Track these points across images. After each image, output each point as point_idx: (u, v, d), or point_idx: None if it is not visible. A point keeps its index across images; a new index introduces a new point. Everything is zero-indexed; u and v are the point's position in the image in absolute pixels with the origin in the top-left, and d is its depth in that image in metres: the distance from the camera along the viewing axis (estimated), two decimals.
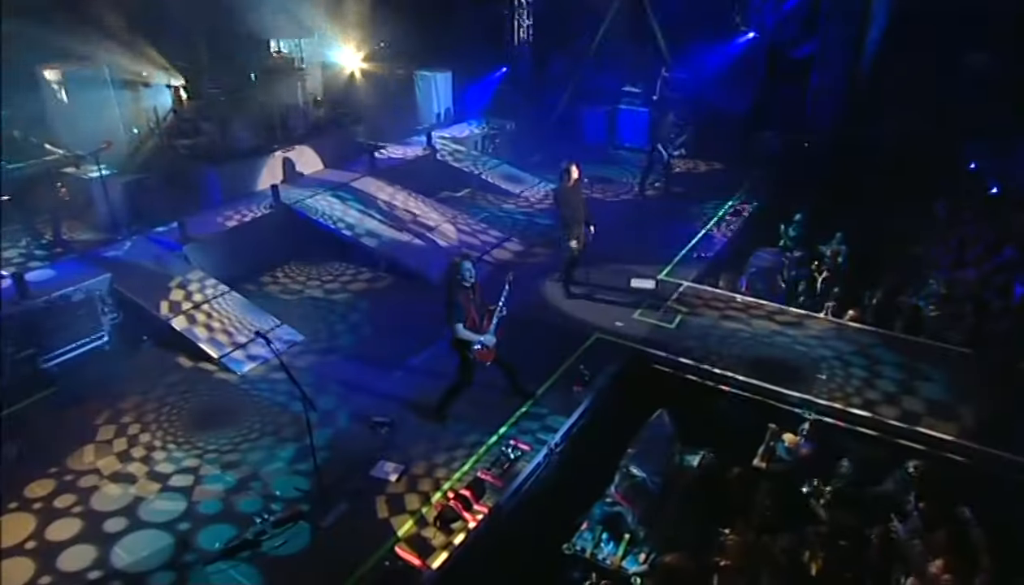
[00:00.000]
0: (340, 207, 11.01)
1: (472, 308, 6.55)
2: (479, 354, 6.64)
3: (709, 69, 14.50)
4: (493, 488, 6.13)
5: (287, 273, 10.20)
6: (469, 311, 6.52)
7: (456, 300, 6.44)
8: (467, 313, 6.52)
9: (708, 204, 12.53)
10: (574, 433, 7.06)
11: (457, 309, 6.45)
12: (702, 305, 9.15)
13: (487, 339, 6.63)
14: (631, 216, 12.18)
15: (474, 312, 6.57)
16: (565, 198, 9.04)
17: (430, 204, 11.77)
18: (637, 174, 13.78)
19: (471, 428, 6.88)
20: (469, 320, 6.54)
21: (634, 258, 10.34)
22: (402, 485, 6.18)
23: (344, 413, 7.14)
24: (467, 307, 6.50)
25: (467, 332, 6.52)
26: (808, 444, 6.76)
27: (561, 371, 7.75)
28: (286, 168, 11.80)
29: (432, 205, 11.75)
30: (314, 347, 8.31)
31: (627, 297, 9.31)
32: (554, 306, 9.24)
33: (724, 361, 7.87)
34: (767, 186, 12.93)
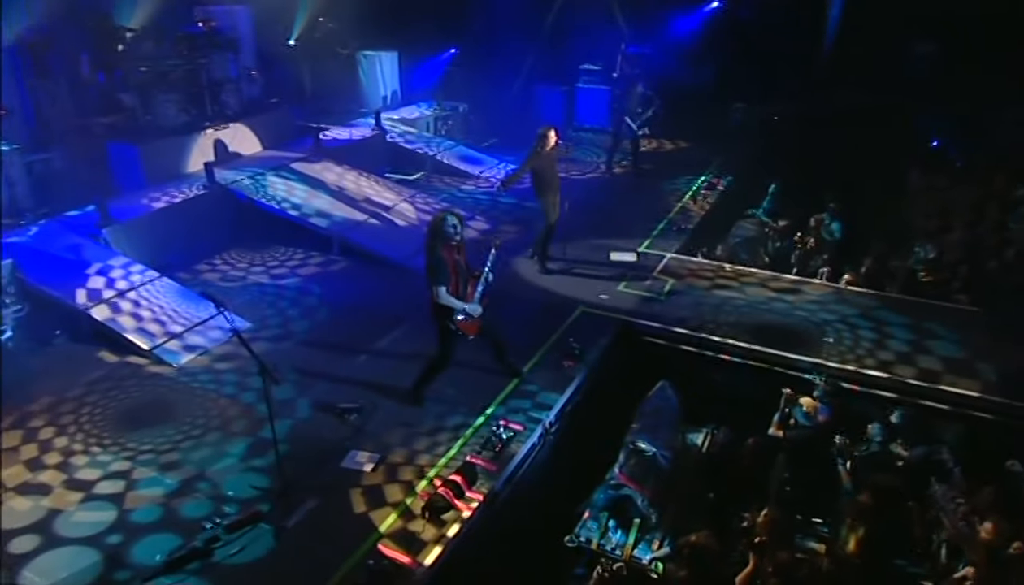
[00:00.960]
0: (284, 187, 10.21)
1: (456, 272, 5.89)
2: (462, 325, 5.98)
3: (671, 42, 14.28)
4: (486, 473, 5.48)
5: (226, 260, 9.32)
6: (453, 275, 5.86)
7: (440, 258, 5.76)
8: (455, 279, 5.86)
9: (680, 179, 12.26)
10: (569, 411, 6.49)
11: (441, 268, 5.77)
12: (690, 275, 8.77)
13: (472, 308, 5.99)
14: (601, 193, 11.83)
15: (458, 277, 5.92)
16: (540, 165, 8.52)
17: (384, 184, 11.08)
18: (602, 154, 13.45)
19: (453, 410, 6.23)
20: (452, 285, 5.88)
21: (610, 233, 9.92)
22: (379, 475, 5.48)
23: (304, 402, 6.38)
24: (451, 270, 5.84)
25: (451, 297, 5.86)
26: (826, 410, 6.36)
27: (548, 346, 7.20)
28: (219, 148, 10.92)
29: (387, 185, 11.07)
30: (263, 334, 7.51)
31: (608, 270, 8.86)
32: (531, 282, 8.69)
33: (722, 329, 7.47)
34: (739, 159, 12.73)
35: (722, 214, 10.94)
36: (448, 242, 5.81)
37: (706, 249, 9.46)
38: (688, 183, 12.04)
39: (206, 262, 9.19)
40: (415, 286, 6.84)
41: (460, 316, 5.94)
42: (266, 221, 9.72)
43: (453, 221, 5.80)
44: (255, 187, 9.96)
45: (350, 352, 7.16)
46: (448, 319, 5.94)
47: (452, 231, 5.80)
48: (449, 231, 5.79)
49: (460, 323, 5.97)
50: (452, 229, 5.80)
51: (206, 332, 7.45)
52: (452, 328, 5.97)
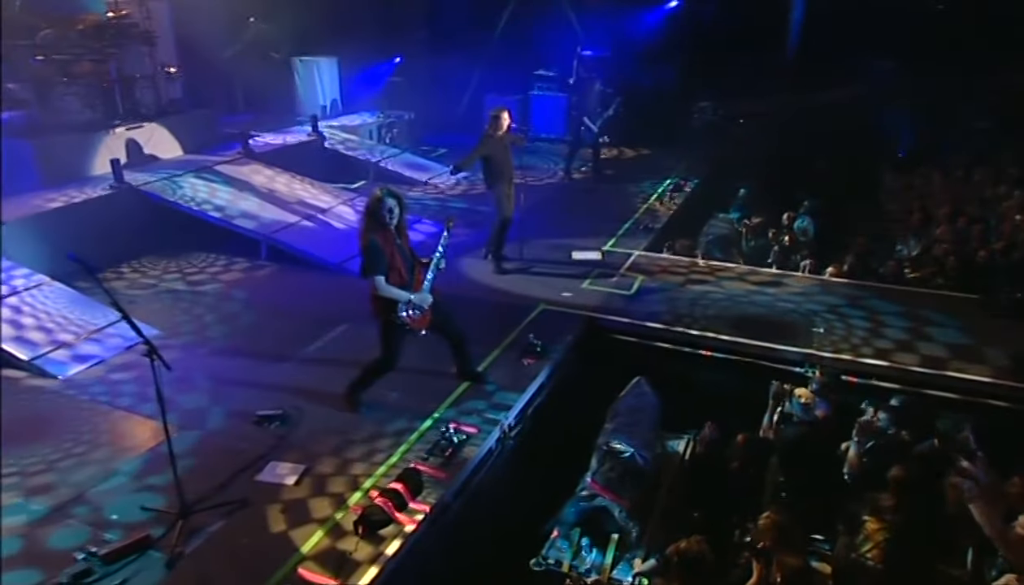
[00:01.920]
0: (206, 189, 9.46)
1: (398, 258, 5.21)
2: (410, 320, 5.30)
3: (630, 45, 14.10)
4: (433, 482, 4.75)
5: (136, 268, 8.48)
6: (394, 262, 5.19)
7: (375, 244, 5.10)
8: (391, 264, 5.20)
9: (644, 183, 11.92)
10: (531, 412, 5.83)
11: (377, 256, 5.11)
12: (661, 271, 8.29)
13: (420, 298, 5.31)
14: (561, 197, 11.44)
15: (400, 264, 5.24)
16: (491, 150, 8.00)
17: (321, 187, 10.42)
18: (560, 162, 13.07)
19: (395, 414, 5.50)
20: (394, 274, 5.20)
21: (571, 233, 9.46)
22: (304, 489, 4.70)
23: (218, 411, 5.59)
24: (391, 257, 5.17)
25: (391, 287, 5.18)
26: (824, 404, 5.82)
27: (505, 344, 6.56)
28: (132, 149, 10.12)
29: (323, 187, 10.41)
30: (174, 341, 6.70)
31: (570, 269, 8.35)
32: (484, 283, 8.10)
33: (700, 323, 6.95)
34: (707, 161, 12.48)
35: (691, 214, 10.59)
36: (385, 226, 5.15)
37: (677, 245, 8.98)
38: (653, 186, 11.69)
39: (112, 269, 8.35)
40: (353, 290, 6.12)
41: (405, 309, 5.25)
42: (184, 225, 8.95)
43: (390, 203, 5.14)
44: (171, 188, 9.18)
45: (275, 359, 6.41)
46: (391, 313, 5.25)
47: (388, 214, 5.14)
48: (385, 214, 5.13)
49: (406, 317, 5.28)
50: (388, 213, 5.14)
51: (104, 340, 6.60)
52: (397, 322, 5.27)
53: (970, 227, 9.32)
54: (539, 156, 13.84)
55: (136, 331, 4.22)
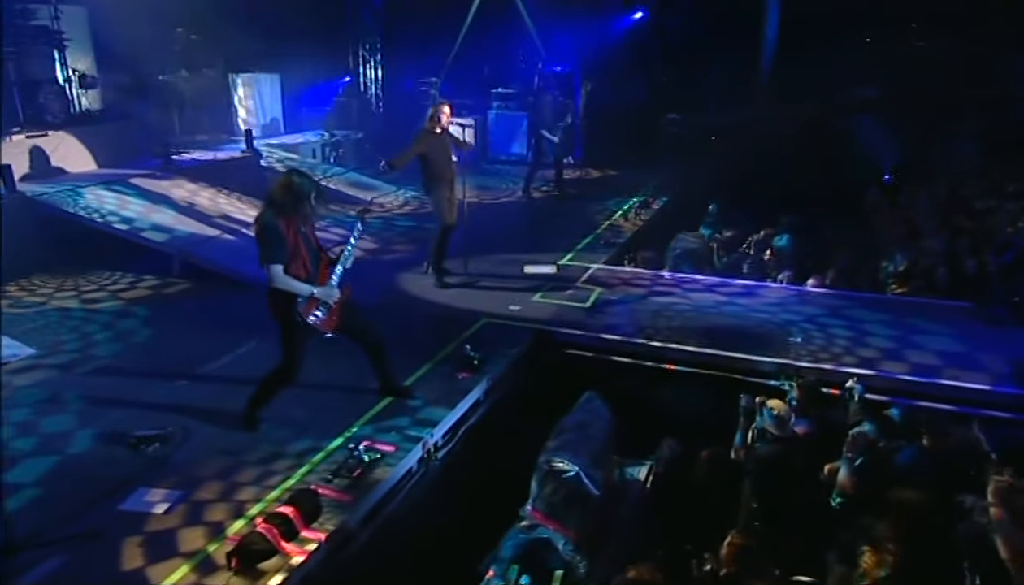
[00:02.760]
0: (115, 201, 8.94)
1: (302, 247, 4.73)
2: (314, 319, 4.79)
3: (594, 59, 13.98)
4: (336, 506, 4.17)
5: (23, 286, 7.87)
6: (298, 252, 4.73)
7: (274, 227, 4.63)
8: (293, 253, 4.72)
9: (609, 202, 11.60)
10: (464, 432, 5.30)
11: (275, 240, 4.63)
12: (621, 284, 7.88)
13: (324, 292, 4.82)
14: (516, 214, 11.18)
15: (304, 253, 4.76)
16: (429, 148, 7.61)
17: (249, 201, 9.94)
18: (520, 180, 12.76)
19: (300, 433, 4.94)
20: (296, 264, 4.72)
21: (524, 248, 9.08)
22: (175, 518, 4.10)
23: (86, 434, 4.99)
24: (294, 245, 4.70)
25: (290, 279, 4.70)
26: (803, 422, 5.35)
27: (438, 358, 6.05)
28: (36, 159, 9.60)
29: (252, 202, 9.92)
30: (50, 361, 6.10)
31: (521, 283, 7.92)
32: (422, 297, 7.64)
33: (662, 335, 6.51)
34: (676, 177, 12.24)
35: (658, 229, 10.25)
36: (289, 211, 4.68)
37: (639, 257, 8.61)
38: (618, 204, 11.37)
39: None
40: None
41: (312, 317, 4.77)
42: (86, 241, 8.41)
43: (298, 181, 4.69)
44: (71, 199, 8.64)
45: (168, 377, 5.83)
46: (291, 310, 4.74)
47: (297, 200, 4.66)
48: (296, 198, 4.66)
49: (306, 311, 4.77)
50: (297, 197, 4.67)
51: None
52: (299, 321, 4.76)
53: (959, 237, 9.08)
54: (499, 178, 13.54)
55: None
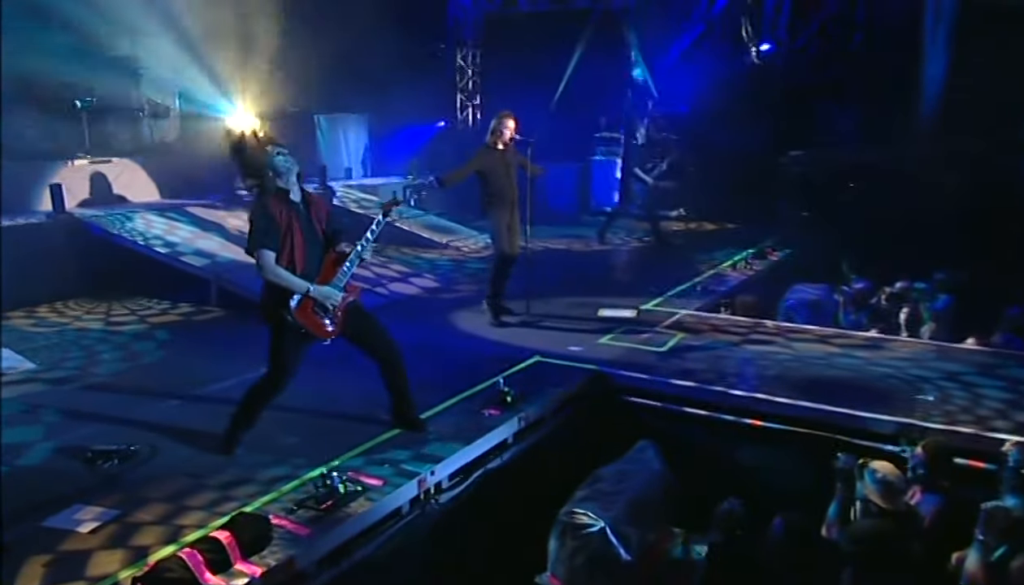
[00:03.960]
0: (163, 225, 9.16)
1: (297, 234, 4.43)
2: (304, 319, 4.45)
3: (710, 98, 13.49)
4: (291, 539, 3.69)
5: (56, 308, 8.06)
6: (290, 237, 4.41)
7: (265, 210, 4.37)
8: (289, 244, 4.42)
9: (718, 252, 10.86)
10: (478, 478, 4.71)
11: (268, 225, 4.35)
12: (711, 330, 7.16)
13: (321, 292, 4.47)
14: (602, 261, 10.87)
15: (299, 241, 4.44)
16: (488, 165, 7.29)
17: None
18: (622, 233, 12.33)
19: (279, 460, 4.53)
20: (287, 253, 4.41)
21: (603, 293, 8.54)
22: (99, 538, 3.75)
23: (45, 447, 4.82)
24: (287, 229, 4.40)
25: (280, 270, 4.38)
26: (933, 498, 4.44)
27: (469, 394, 5.54)
28: (96, 186, 10.04)
29: None
30: (45, 376, 6.08)
31: (592, 325, 7.34)
32: (470, 333, 7.25)
33: (749, 385, 5.75)
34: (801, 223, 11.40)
35: (771, 279, 9.46)
36: (277, 187, 4.43)
37: (737, 302, 7.89)
38: (728, 255, 10.62)
39: (25, 310, 7.93)
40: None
41: (309, 326, 4.47)
42: (129, 266, 8.62)
43: (283, 160, 4.43)
44: (118, 222, 8.89)
45: (159, 396, 5.65)
46: (281, 308, 4.42)
47: (282, 169, 4.42)
48: (279, 170, 4.42)
49: (300, 313, 4.43)
50: (283, 168, 4.43)
51: None
52: (289, 321, 4.42)
53: None
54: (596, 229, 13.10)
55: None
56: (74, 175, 9.83)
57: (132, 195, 10.45)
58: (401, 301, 8.34)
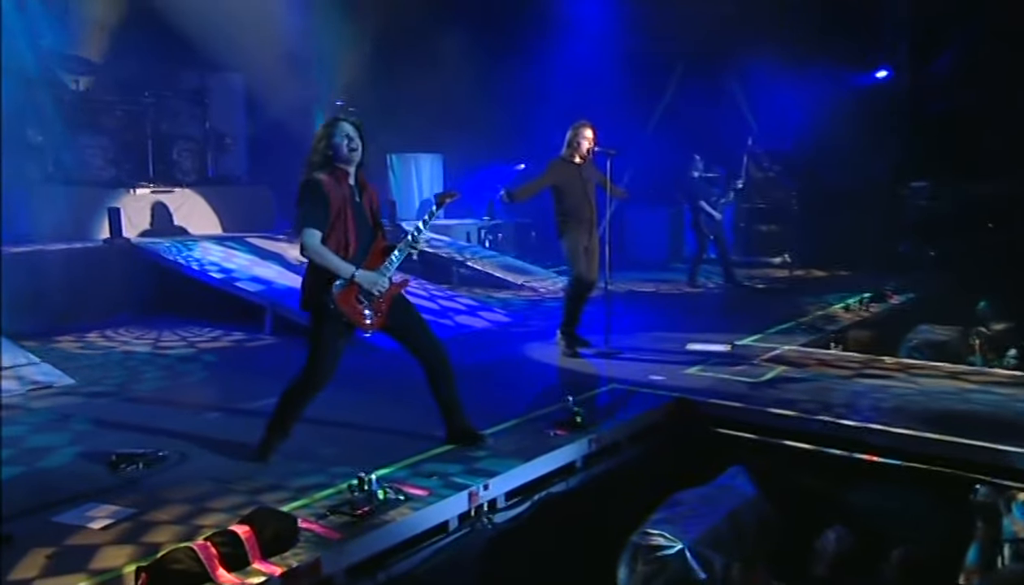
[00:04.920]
0: (220, 253, 9.34)
1: (350, 218, 4.39)
2: (345, 306, 4.34)
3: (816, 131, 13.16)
4: (318, 542, 3.50)
5: (107, 335, 8.21)
6: (341, 221, 4.37)
7: (317, 187, 4.32)
8: (341, 227, 4.38)
9: (829, 296, 10.37)
10: (540, 500, 4.44)
11: (316, 200, 4.30)
12: (818, 365, 6.75)
13: (367, 278, 4.37)
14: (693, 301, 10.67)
15: (351, 226, 4.39)
16: (563, 179, 7.16)
17: None
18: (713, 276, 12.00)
19: (316, 469, 4.38)
20: (336, 236, 4.36)
21: (691, 328, 8.26)
22: (109, 534, 3.63)
23: (68, 451, 4.81)
24: (340, 211, 4.36)
25: (327, 252, 4.32)
26: None
27: (535, 416, 5.31)
28: (158, 215, 10.36)
29: None
30: (83, 390, 6.14)
31: (676, 358, 7.06)
32: (540, 360, 7.09)
33: (862, 416, 5.34)
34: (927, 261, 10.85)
35: (891, 320, 8.97)
36: (335, 163, 4.39)
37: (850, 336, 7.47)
38: (840, 299, 10.11)
39: (75, 335, 8.10)
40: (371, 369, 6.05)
41: (356, 310, 4.38)
42: (185, 293, 8.85)
43: (348, 129, 4.41)
44: (176, 249, 9.11)
45: (198, 409, 5.65)
46: (323, 293, 4.34)
47: (345, 149, 4.39)
48: (340, 148, 4.39)
49: (342, 299, 4.33)
50: (345, 146, 4.39)
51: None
52: (331, 309, 4.34)
53: None
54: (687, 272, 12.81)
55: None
56: (135, 204, 10.17)
57: (193, 227, 10.73)
58: (468, 334, 8.20)
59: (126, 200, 10.07)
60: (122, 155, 10.39)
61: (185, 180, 10.98)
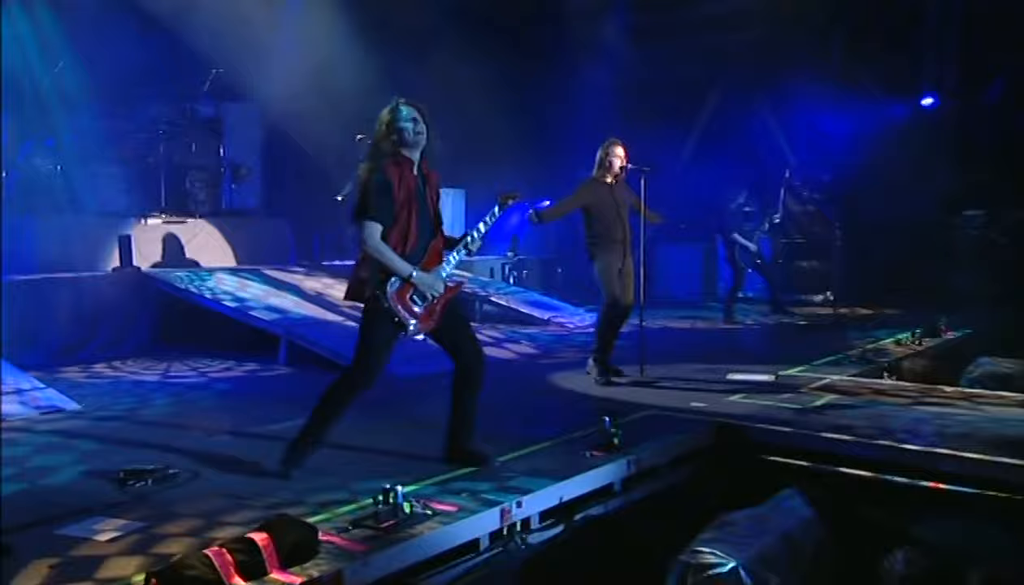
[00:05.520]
0: (234, 283, 9.34)
1: (414, 213, 4.41)
2: (404, 308, 4.37)
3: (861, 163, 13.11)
4: (339, 554, 3.39)
5: (115, 366, 8.19)
6: (405, 215, 4.38)
7: (384, 176, 4.31)
8: (404, 221, 4.38)
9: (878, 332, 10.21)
10: (579, 522, 4.32)
11: (382, 194, 4.30)
12: (871, 393, 6.61)
13: (424, 279, 4.40)
14: (731, 335, 10.64)
15: (414, 221, 4.41)
16: (594, 198, 7.15)
17: None
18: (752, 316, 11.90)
19: (340, 484, 4.30)
20: (397, 232, 4.38)
21: (731, 360, 8.13)
22: (115, 546, 3.54)
23: (72, 471, 4.74)
24: (404, 204, 4.37)
25: (387, 249, 4.32)
26: None
27: (569, 439, 5.21)
28: (169, 246, 10.40)
29: None
30: (90, 414, 6.11)
31: (716, 387, 6.95)
32: (573, 390, 7.00)
33: (926, 441, 5.18)
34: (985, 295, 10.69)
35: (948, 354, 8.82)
36: (402, 154, 4.39)
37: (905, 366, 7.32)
38: (890, 334, 9.95)
39: (83, 365, 8.08)
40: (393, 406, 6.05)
41: (407, 305, 4.40)
42: (197, 323, 8.87)
43: (412, 113, 4.42)
44: (188, 278, 9.12)
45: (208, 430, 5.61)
46: (378, 289, 4.34)
47: (411, 133, 4.39)
48: (407, 127, 4.38)
49: (396, 298, 4.34)
50: (410, 129, 4.39)
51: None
52: (384, 307, 4.34)
53: None
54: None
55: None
56: (146, 234, 10.19)
57: (206, 259, 10.73)
58: (493, 364, 8.08)
59: (137, 230, 10.10)
60: (134, 184, 10.46)
61: (199, 210, 11.04)
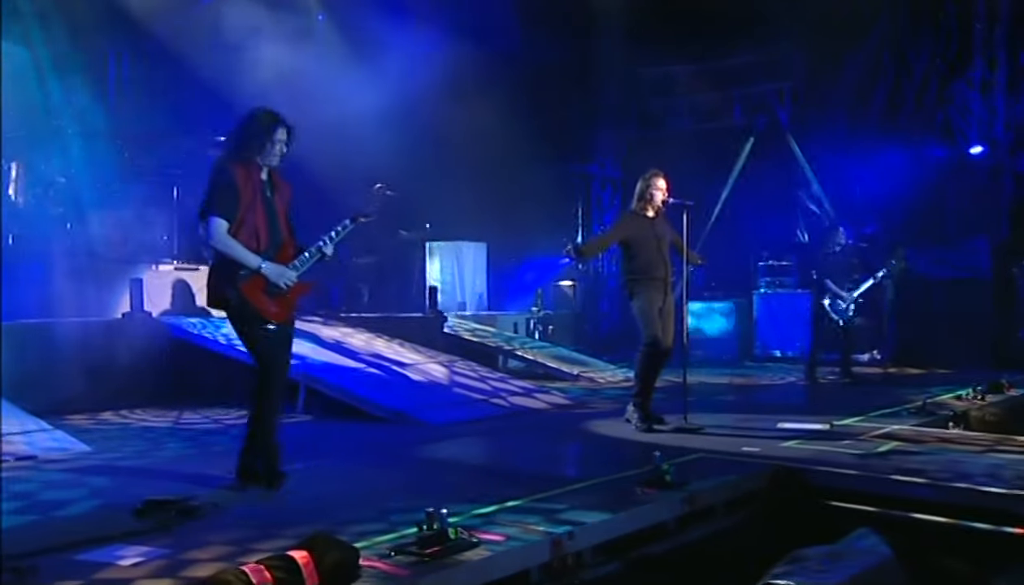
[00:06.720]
0: None
1: (260, 212, 4.83)
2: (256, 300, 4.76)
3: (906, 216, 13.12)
4: (383, 579, 3.30)
5: (122, 414, 8.15)
6: (251, 215, 4.79)
7: (228, 175, 4.72)
8: (251, 220, 4.79)
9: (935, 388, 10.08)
10: (634, 559, 4.22)
11: (227, 191, 4.71)
12: (938, 442, 6.49)
13: (274, 270, 4.79)
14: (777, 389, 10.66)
15: (262, 221, 4.84)
16: (634, 231, 7.15)
17: (412, 347, 9.96)
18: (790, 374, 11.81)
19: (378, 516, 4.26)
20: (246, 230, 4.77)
21: (779, 411, 8.09)
22: (142, 569, 3.48)
23: (87, 503, 4.74)
24: (250, 203, 4.77)
25: (234, 242, 4.71)
26: None
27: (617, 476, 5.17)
28: (179, 294, 10.42)
29: (414, 347, 9.93)
30: (98, 457, 6.06)
31: (767, 434, 6.88)
32: (613, 436, 6.96)
33: (1010, 484, 5.07)
34: None
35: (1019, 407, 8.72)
36: (253, 160, 4.80)
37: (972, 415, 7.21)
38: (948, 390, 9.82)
39: (88, 413, 8.04)
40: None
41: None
42: (211, 372, 8.86)
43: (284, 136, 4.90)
44: (201, 324, 9.13)
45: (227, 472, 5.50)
46: (230, 285, 4.73)
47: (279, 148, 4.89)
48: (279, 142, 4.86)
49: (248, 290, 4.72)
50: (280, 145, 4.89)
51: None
52: (233, 299, 4.78)
53: None
54: (768, 371, 12.61)
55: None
56: (156, 281, 10.20)
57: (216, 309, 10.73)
58: (523, 413, 8.09)
59: (147, 276, 10.14)
60: (146, 230, 10.55)
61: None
